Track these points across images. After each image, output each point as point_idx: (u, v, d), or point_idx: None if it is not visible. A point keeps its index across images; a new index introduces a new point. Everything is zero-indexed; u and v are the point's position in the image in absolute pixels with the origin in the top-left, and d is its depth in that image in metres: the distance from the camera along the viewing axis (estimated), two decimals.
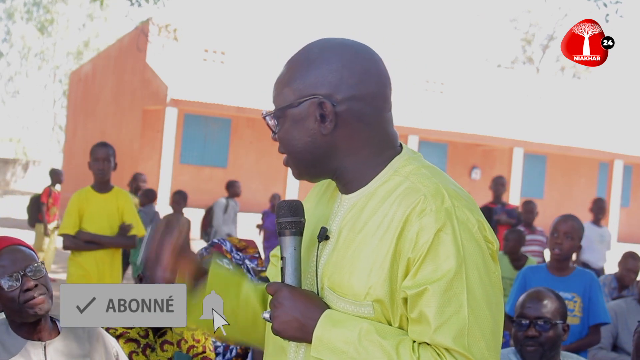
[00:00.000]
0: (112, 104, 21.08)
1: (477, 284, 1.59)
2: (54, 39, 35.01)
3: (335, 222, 1.75)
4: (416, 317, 1.59)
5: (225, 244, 3.55)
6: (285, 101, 1.73)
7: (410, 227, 1.61)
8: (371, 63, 1.73)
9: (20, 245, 2.62)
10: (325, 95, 1.70)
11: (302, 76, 1.72)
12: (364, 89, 1.71)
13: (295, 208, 1.73)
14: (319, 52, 1.73)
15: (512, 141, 20.59)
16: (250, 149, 20.56)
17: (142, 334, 3.08)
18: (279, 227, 1.73)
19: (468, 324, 1.57)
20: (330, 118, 1.69)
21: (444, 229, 1.60)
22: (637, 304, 5.16)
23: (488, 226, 1.67)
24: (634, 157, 22.08)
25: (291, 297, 1.66)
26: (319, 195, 1.88)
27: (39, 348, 2.61)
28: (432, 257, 1.59)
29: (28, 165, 31.68)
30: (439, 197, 1.64)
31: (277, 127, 1.76)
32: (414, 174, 1.70)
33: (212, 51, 19.75)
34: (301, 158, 1.74)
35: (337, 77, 1.70)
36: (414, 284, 1.59)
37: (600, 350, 4.98)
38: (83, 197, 5.88)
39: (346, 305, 1.66)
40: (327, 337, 1.63)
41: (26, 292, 2.54)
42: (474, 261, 1.61)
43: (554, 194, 23.52)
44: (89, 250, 5.77)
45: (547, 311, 3.16)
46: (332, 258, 1.71)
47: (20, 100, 37.76)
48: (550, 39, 41.45)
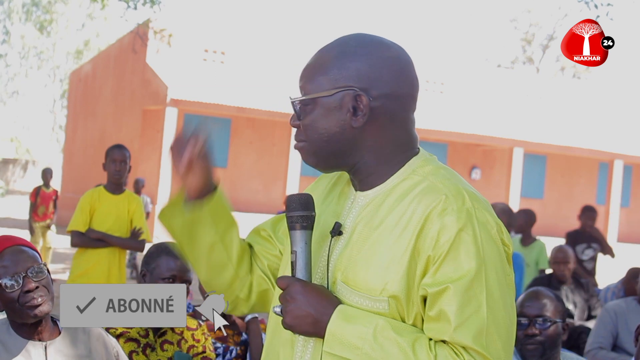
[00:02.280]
0: (112, 104, 21.08)
1: (495, 285, 1.61)
2: (53, 39, 35.01)
3: (349, 218, 1.75)
4: (435, 315, 1.60)
5: None
6: (320, 89, 1.72)
7: (431, 226, 1.62)
8: (407, 64, 1.76)
9: (23, 246, 2.62)
10: (361, 89, 1.70)
11: (340, 67, 1.71)
12: (398, 89, 1.73)
13: (306, 202, 1.72)
14: (357, 45, 1.73)
15: (512, 141, 20.59)
16: (250, 149, 20.56)
17: (142, 333, 3.08)
18: (289, 221, 1.72)
19: (487, 324, 1.58)
20: (364, 112, 1.70)
21: (465, 229, 1.61)
22: (637, 304, 5.15)
23: (505, 229, 1.69)
24: (634, 157, 22.08)
25: (304, 291, 1.65)
26: (326, 190, 1.87)
27: (40, 348, 2.61)
28: (453, 256, 1.60)
29: (28, 165, 31.69)
30: (460, 197, 1.65)
31: (303, 114, 1.74)
32: (432, 174, 1.71)
33: (212, 51, 19.75)
34: (324, 147, 1.73)
35: (375, 72, 1.71)
36: (435, 282, 1.60)
37: (600, 350, 4.97)
38: (95, 197, 5.94)
39: (360, 299, 1.66)
40: (340, 333, 1.62)
41: (27, 293, 2.53)
42: (492, 262, 1.62)
43: (554, 194, 23.52)
44: (96, 247, 5.81)
45: (546, 310, 3.18)
46: (346, 253, 1.71)
47: (20, 101, 37.76)
48: (550, 39, 41.46)
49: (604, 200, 22.49)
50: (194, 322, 3.22)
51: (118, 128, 20.40)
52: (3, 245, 2.60)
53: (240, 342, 3.53)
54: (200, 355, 3.17)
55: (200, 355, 3.17)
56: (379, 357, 1.59)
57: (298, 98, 1.75)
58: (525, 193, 22.26)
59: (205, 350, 3.19)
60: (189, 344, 3.15)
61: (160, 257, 3.07)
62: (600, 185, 23.97)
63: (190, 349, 3.15)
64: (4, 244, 2.60)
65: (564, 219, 23.50)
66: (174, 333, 3.14)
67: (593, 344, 4.96)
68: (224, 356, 3.48)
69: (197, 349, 3.17)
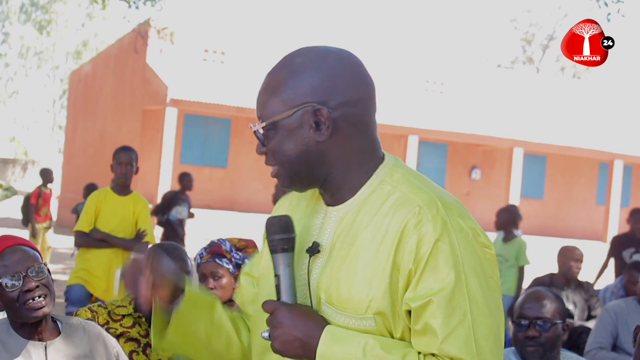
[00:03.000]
0: (112, 104, 21.07)
1: (477, 291, 1.61)
2: (53, 39, 35.00)
3: (324, 235, 1.74)
4: (421, 328, 1.60)
5: (224, 244, 3.55)
6: (276, 112, 1.70)
7: (408, 239, 1.62)
8: (357, 67, 1.74)
9: (23, 246, 2.62)
10: (319, 102, 1.68)
11: (292, 86, 1.70)
12: (355, 94, 1.71)
13: (285, 224, 1.72)
14: (304, 61, 1.72)
15: (512, 141, 20.59)
16: (250, 149, 20.56)
17: (143, 333, 3.08)
18: (271, 245, 1.71)
19: (473, 332, 1.59)
20: (327, 124, 1.68)
21: (442, 239, 1.61)
22: (637, 304, 5.15)
23: (481, 231, 1.68)
24: (634, 157, 22.08)
25: (290, 315, 1.65)
26: (291, 208, 1.86)
27: (40, 348, 2.60)
28: (432, 267, 1.60)
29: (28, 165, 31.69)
30: (433, 206, 1.64)
31: (266, 140, 1.73)
32: (402, 182, 1.70)
33: (212, 51, 19.75)
34: (295, 168, 1.72)
35: (328, 83, 1.69)
36: (417, 296, 1.60)
37: (600, 350, 4.97)
38: (102, 197, 5.98)
39: (346, 319, 1.65)
40: (330, 354, 1.62)
41: (27, 292, 2.53)
42: (472, 268, 1.62)
43: (554, 194, 23.52)
44: (99, 248, 5.84)
45: (546, 311, 3.17)
46: (326, 271, 1.70)
47: (20, 101, 37.77)
48: (550, 39, 41.47)
49: (604, 200, 22.48)
50: None
51: (118, 128, 20.40)
52: (3, 244, 2.59)
53: None
54: None
55: None
56: None
57: (258, 126, 1.73)
58: (525, 193, 22.26)
59: None
60: None
61: (160, 258, 3.06)
62: (600, 185, 23.97)
63: None
64: (5, 243, 2.60)
65: (564, 219, 23.51)
66: None
67: (593, 344, 4.96)
68: None
69: None
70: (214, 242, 3.57)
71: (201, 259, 3.54)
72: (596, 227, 23.46)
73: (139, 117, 19.39)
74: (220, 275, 3.49)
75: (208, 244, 3.60)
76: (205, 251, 3.55)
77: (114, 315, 3.07)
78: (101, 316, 3.04)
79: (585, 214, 23.94)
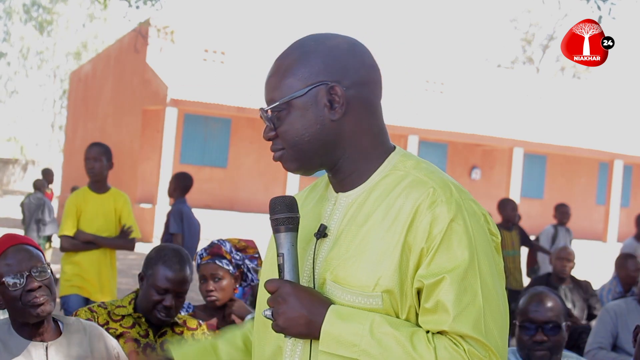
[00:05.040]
0: (112, 104, 21.07)
1: (488, 273, 1.63)
2: (53, 39, 35.00)
3: (333, 220, 1.74)
4: (432, 306, 1.60)
5: (224, 245, 3.55)
6: (291, 91, 1.70)
7: (422, 218, 1.63)
8: (366, 51, 1.77)
9: (27, 245, 2.62)
10: (333, 81, 1.70)
11: (305, 65, 1.71)
12: (366, 75, 1.73)
13: (290, 204, 1.72)
14: (315, 43, 1.74)
15: (512, 141, 20.59)
16: (250, 149, 20.56)
17: (142, 333, 3.08)
18: (274, 224, 1.71)
19: (483, 312, 1.59)
20: (341, 102, 1.70)
21: (456, 220, 1.62)
22: (637, 304, 5.15)
23: (491, 219, 1.71)
24: (634, 157, 22.08)
25: (295, 293, 1.64)
26: (302, 199, 1.87)
27: (41, 349, 2.61)
28: (446, 246, 1.61)
29: (27, 165, 31.70)
30: (447, 189, 1.67)
31: (277, 121, 1.73)
32: (415, 168, 1.72)
33: (212, 51, 19.74)
34: (307, 149, 1.72)
35: (340, 64, 1.71)
36: (430, 273, 1.60)
37: (600, 350, 4.97)
38: (80, 198, 5.84)
39: (353, 297, 1.65)
40: (336, 331, 1.61)
41: (29, 292, 2.53)
42: (484, 251, 1.64)
43: (554, 194, 23.51)
44: (87, 250, 5.72)
45: (554, 315, 3.12)
46: (333, 253, 1.70)
47: (20, 100, 37.75)
48: (550, 39, 41.46)
49: (604, 200, 22.48)
50: (194, 322, 3.22)
51: (118, 128, 20.40)
52: (7, 243, 2.60)
53: None
54: None
55: None
56: (376, 353, 1.58)
57: (270, 106, 1.73)
58: (525, 193, 22.26)
59: None
60: None
61: (158, 264, 3.04)
62: (600, 185, 23.97)
63: None
64: (8, 242, 2.60)
65: None
66: (174, 333, 3.14)
67: (593, 344, 4.95)
68: None
69: None
70: (214, 243, 3.56)
71: (201, 260, 3.54)
72: (596, 227, 23.46)
73: (139, 117, 19.38)
74: (220, 277, 3.49)
75: (208, 244, 3.59)
76: (205, 252, 3.55)
77: (113, 316, 3.07)
78: (101, 316, 3.04)
79: (585, 214, 23.93)
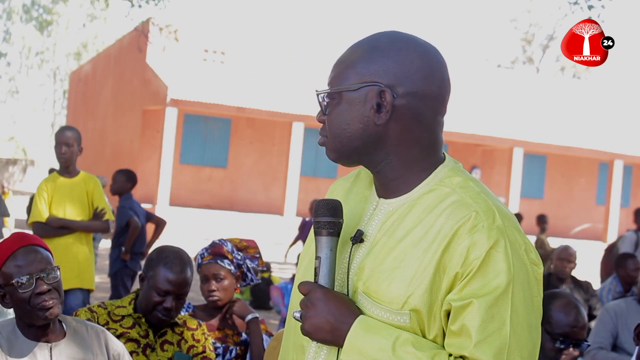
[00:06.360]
0: (112, 104, 21.07)
1: (521, 305, 1.58)
2: (53, 39, 35.01)
3: (371, 225, 1.71)
4: (457, 329, 1.57)
5: (226, 245, 3.55)
6: (346, 82, 1.69)
7: (460, 242, 1.59)
8: (438, 65, 1.71)
9: (38, 246, 2.61)
10: (387, 85, 1.67)
11: (367, 61, 1.69)
12: (426, 88, 1.68)
13: (334, 208, 1.69)
14: (389, 42, 1.70)
15: (512, 141, 20.59)
16: (250, 149, 20.56)
17: (142, 333, 3.08)
18: (316, 226, 1.69)
19: (509, 343, 1.55)
20: (387, 109, 1.67)
21: (496, 247, 1.58)
22: (637, 304, 5.16)
23: (534, 248, 1.66)
24: (634, 157, 22.07)
25: (325, 298, 1.63)
26: (345, 191, 1.84)
27: (45, 349, 2.61)
28: (482, 273, 1.57)
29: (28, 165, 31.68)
30: (490, 214, 1.62)
31: (327, 108, 1.72)
32: (461, 187, 1.68)
33: (212, 51, 19.74)
34: (346, 144, 1.70)
35: (402, 70, 1.67)
36: (460, 297, 1.58)
37: (600, 350, 4.98)
38: (50, 183, 5.79)
39: (381, 312, 1.63)
40: (360, 343, 1.60)
41: (39, 295, 2.53)
42: (520, 282, 1.59)
43: (554, 194, 23.51)
44: (60, 236, 5.64)
45: (586, 331, 3.12)
46: (368, 262, 1.67)
47: (20, 100, 37.77)
48: (550, 39, 41.46)
49: (604, 200, 22.48)
50: (194, 322, 3.22)
51: (118, 128, 20.40)
52: (18, 243, 2.59)
53: (240, 342, 3.52)
54: (200, 355, 3.16)
55: (200, 355, 3.17)
56: None
57: (324, 91, 1.72)
58: (525, 193, 22.26)
59: (205, 350, 3.18)
60: (189, 344, 3.15)
61: (159, 266, 3.04)
62: (600, 185, 23.97)
63: (190, 349, 3.15)
64: (19, 242, 2.60)
65: (564, 219, 23.51)
66: (174, 333, 3.14)
67: (593, 344, 4.96)
68: (224, 356, 3.47)
69: (197, 349, 3.17)
70: (215, 243, 3.56)
71: (202, 260, 3.54)
72: (596, 227, 23.46)
73: (139, 117, 19.38)
74: (222, 277, 3.49)
75: (209, 244, 3.60)
76: (207, 252, 3.55)
77: (113, 316, 3.07)
78: (101, 317, 3.04)
79: (585, 214, 23.93)
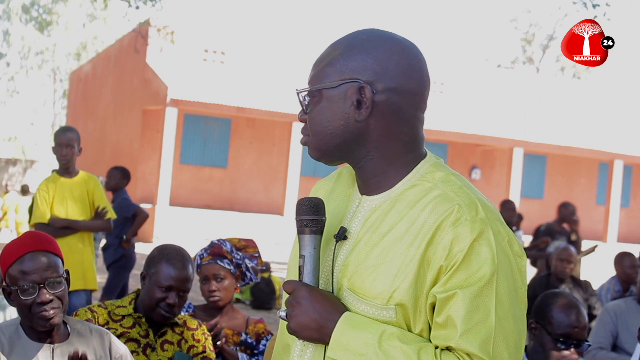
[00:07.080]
0: (112, 104, 21.07)
1: (505, 295, 1.60)
2: (53, 39, 35.01)
3: (354, 222, 1.73)
4: (442, 321, 1.59)
5: (225, 244, 3.55)
6: (325, 80, 1.71)
7: (443, 235, 1.61)
8: (416, 61, 1.73)
9: (47, 252, 2.57)
10: (366, 82, 1.68)
11: (346, 58, 1.70)
12: (405, 84, 1.70)
13: (317, 206, 1.71)
14: (367, 39, 1.72)
15: (512, 141, 20.59)
16: (250, 149, 20.56)
17: (143, 333, 3.08)
18: (299, 225, 1.70)
19: (494, 333, 1.57)
20: (367, 105, 1.68)
21: (480, 239, 1.60)
22: (637, 304, 5.16)
23: (516, 239, 1.67)
24: (634, 157, 22.07)
25: (309, 297, 1.64)
26: (327, 191, 1.85)
27: (47, 350, 2.61)
28: (466, 265, 1.59)
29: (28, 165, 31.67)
30: (473, 207, 1.64)
31: (308, 106, 1.73)
32: (443, 181, 1.69)
33: (212, 51, 19.74)
34: (329, 141, 1.71)
35: (381, 66, 1.69)
36: (444, 290, 1.59)
37: (600, 350, 4.98)
38: (51, 184, 5.79)
39: (366, 307, 1.64)
40: (346, 339, 1.61)
41: (40, 304, 2.52)
42: (504, 273, 1.61)
43: (554, 194, 23.50)
44: (63, 236, 5.64)
45: (586, 332, 3.12)
46: (352, 259, 1.69)
47: (20, 100, 37.76)
48: (550, 39, 41.45)
49: (604, 200, 22.48)
50: (194, 322, 3.22)
51: (118, 128, 20.40)
52: (27, 247, 2.55)
53: (240, 342, 3.53)
54: (200, 355, 3.17)
55: (200, 355, 3.17)
56: None
57: (304, 89, 1.74)
58: (525, 193, 22.26)
59: (205, 350, 3.19)
60: (189, 344, 3.15)
61: (161, 263, 3.05)
62: (600, 185, 23.96)
63: (191, 349, 3.15)
64: (29, 246, 2.55)
65: None
66: (174, 333, 3.14)
67: (593, 344, 4.96)
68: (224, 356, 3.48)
69: (197, 349, 3.17)
70: (215, 243, 3.57)
71: (202, 260, 3.54)
72: (596, 227, 23.45)
73: (139, 117, 19.38)
74: (222, 277, 3.49)
75: (208, 244, 3.60)
76: (206, 252, 3.55)
77: (113, 316, 3.07)
78: (101, 316, 3.04)
79: (585, 214, 23.93)
